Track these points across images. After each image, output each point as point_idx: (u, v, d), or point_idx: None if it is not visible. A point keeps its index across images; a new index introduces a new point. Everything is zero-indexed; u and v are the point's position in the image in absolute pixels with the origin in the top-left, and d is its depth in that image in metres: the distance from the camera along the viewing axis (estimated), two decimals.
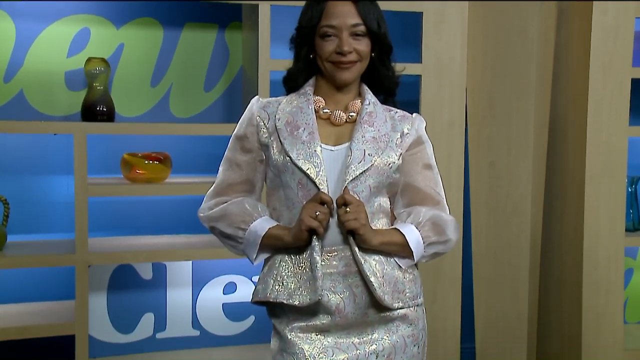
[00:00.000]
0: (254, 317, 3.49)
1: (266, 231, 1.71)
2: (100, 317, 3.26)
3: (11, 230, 3.10)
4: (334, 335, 1.70)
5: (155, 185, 3.11)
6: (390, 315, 1.73)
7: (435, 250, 1.76)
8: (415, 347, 1.77)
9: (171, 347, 3.39)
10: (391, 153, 1.74)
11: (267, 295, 1.71)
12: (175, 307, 3.38)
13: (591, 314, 3.48)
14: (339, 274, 1.68)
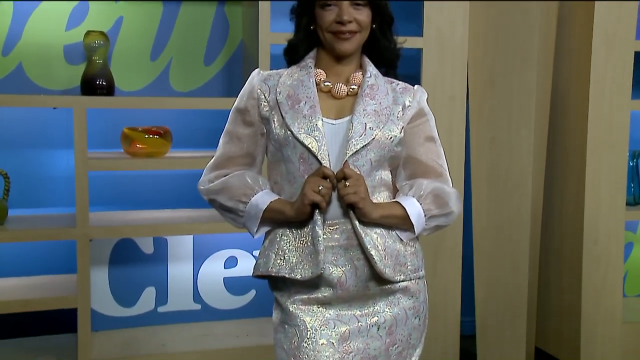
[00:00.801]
0: (255, 291, 3.50)
1: (267, 205, 1.71)
2: (102, 290, 3.27)
3: (12, 204, 3.10)
4: (336, 307, 1.70)
5: (155, 160, 3.11)
6: (392, 287, 1.73)
7: (437, 223, 1.76)
8: (417, 319, 1.78)
9: (173, 320, 3.41)
10: (392, 127, 1.73)
11: (268, 270, 1.71)
12: (176, 281, 3.39)
13: (591, 287, 3.50)
14: (340, 247, 1.68)
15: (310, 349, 1.66)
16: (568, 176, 3.57)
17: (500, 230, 3.45)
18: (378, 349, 1.72)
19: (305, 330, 1.67)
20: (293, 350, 1.67)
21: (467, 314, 3.76)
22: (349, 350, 1.69)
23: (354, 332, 1.70)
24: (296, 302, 1.70)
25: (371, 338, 1.71)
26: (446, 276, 3.39)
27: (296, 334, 1.67)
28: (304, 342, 1.66)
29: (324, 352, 1.66)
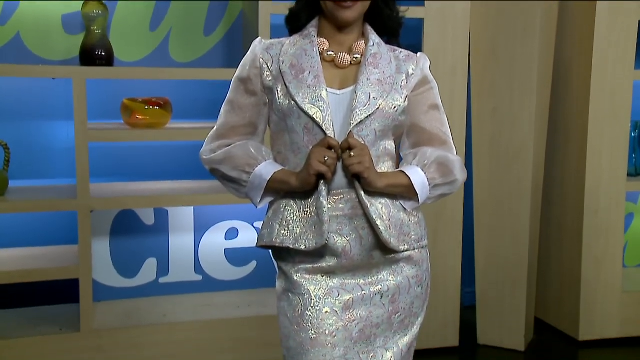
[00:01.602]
0: (256, 262, 3.51)
1: (272, 175, 1.70)
2: (103, 261, 3.28)
3: (12, 175, 3.09)
4: (340, 276, 1.71)
5: (155, 131, 3.09)
6: (396, 257, 1.73)
7: (441, 192, 1.76)
8: (420, 288, 1.79)
9: (174, 291, 3.42)
10: (396, 96, 1.72)
11: (272, 240, 1.71)
12: (177, 253, 3.40)
13: (591, 258, 3.51)
14: (345, 216, 1.68)
15: (314, 317, 1.66)
16: (569, 147, 3.57)
17: (501, 201, 3.45)
18: (381, 317, 1.73)
19: (309, 299, 1.68)
20: (297, 318, 1.67)
21: (467, 285, 3.78)
22: (352, 318, 1.70)
23: (357, 300, 1.70)
24: (300, 271, 1.70)
25: (374, 306, 1.72)
26: (447, 247, 3.40)
27: (300, 303, 1.68)
28: (307, 310, 1.67)
29: (327, 320, 1.67)
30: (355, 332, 1.69)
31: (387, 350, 1.74)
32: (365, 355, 1.71)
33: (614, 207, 3.51)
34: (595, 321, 3.57)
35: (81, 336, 2.98)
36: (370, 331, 1.72)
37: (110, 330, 3.02)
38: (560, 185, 3.66)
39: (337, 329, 1.67)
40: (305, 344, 1.66)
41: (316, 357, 1.65)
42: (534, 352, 3.52)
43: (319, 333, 1.65)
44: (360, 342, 1.70)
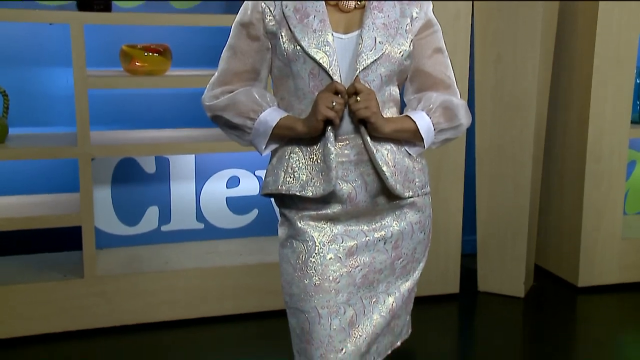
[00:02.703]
0: (258, 210, 3.52)
1: (277, 121, 1.68)
2: (105, 209, 3.29)
3: (12, 123, 3.07)
4: (344, 223, 1.71)
5: (155, 78, 3.06)
6: (400, 203, 1.73)
7: (446, 136, 1.75)
8: (422, 234, 1.79)
9: (176, 239, 3.44)
10: (402, 40, 1.69)
11: (278, 188, 1.70)
12: (179, 201, 3.40)
13: (592, 205, 3.52)
14: (350, 162, 1.67)
15: (318, 264, 1.67)
16: (573, 94, 3.54)
17: (503, 150, 3.44)
18: (384, 262, 1.73)
19: (313, 246, 1.68)
20: (300, 265, 1.68)
21: (468, 233, 3.80)
22: (356, 264, 1.70)
23: (361, 246, 1.71)
24: (304, 218, 1.70)
25: (378, 252, 1.72)
26: (448, 195, 3.41)
27: (304, 249, 1.68)
28: (311, 257, 1.67)
29: (331, 267, 1.67)
30: (358, 278, 1.70)
31: (389, 295, 1.76)
32: (368, 300, 1.72)
33: (616, 155, 3.50)
34: (594, 268, 3.60)
35: (85, 282, 3.00)
36: (373, 277, 1.73)
37: (114, 277, 3.05)
38: (562, 133, 3.65)
39: (341, 274, 1.68)
40: (308, 289, 1.66)
41: (319, 302, 1.66)
42: (534, 298, 3.57)
43: (322, 279, 1.66)
44: (363, 287, 1.72)
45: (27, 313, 2.95)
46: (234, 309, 3.21)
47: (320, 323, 1.65)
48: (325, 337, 1.65)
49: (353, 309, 1.69)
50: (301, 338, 1.67)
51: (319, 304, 1.66)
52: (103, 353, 2.94)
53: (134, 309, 3.08)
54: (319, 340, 1.65)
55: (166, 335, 3.07)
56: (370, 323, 1.72)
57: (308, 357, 1.66)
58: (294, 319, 1.69)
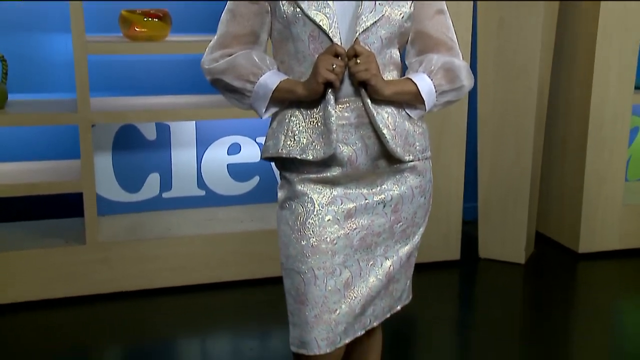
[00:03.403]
0: (259, 177, 3.52)
1: (277, 85, 1.66)
2: (106, 176, 3.29)
3: (11, 89, 3.06)
4: (344, 186, 1.70)
5: (155, 44, 3.04)
6: (400, 167, 1.72)
7: (447, 98, 1.73)
8: (422, 198, 1.78)
9: (177, 206, 3.44)
10: (402, 2, 1.67)
11: (279, 151, 1.69)
12: (180, 168, 3.40)
13: (593, 171, 3.52)
14: (350, 125, 1.66)
15: (315, 225, 1.66)
16: (577, 59, 3.51)
17: (505, 116, 3.42)
18: (382, 225, 1.73)
19: (312, 207, 1.68)
20: (298, 226, 1.67)
21: (469, 200, 3.80)
22: (354, 226, 1.70)
23: (360, 209, 1.70)
24: (304, 180, 1.69)
25: (376, 215, 1.72)
26: (450, 162, 3.40)
27: (303, 211, 1.68)
28: (310, 218, 1.67)
29: (329, 228, 1.67)
30: (356, 240, 1.70)
31: (387, 259, 1.76)
32: (365, 262, 1.72)
33: (619, 121, 3.49)
34: (595, 234, 3.61)
35: (87, 249, 3.01)
36: (371, 240, 1.72)
37: (116, 243, 3.06)
38: (565, 99, 3.63)
39: (338, 236, 1.68)
40: (305, 251, 1.66)
41: (316, 264, 1.66)
42: (534, 265, 3.58)
43: (319, 240, 1.66)
44: (361, 250, 1.72)
45: (29, 279, 2.97)
46: (236, 275, 3.22)
47: (315, 284, 1.66)
48: (320, 298, 1.66)
49: (349, 270, 1.70)
50: (295, 299, 1.68)
51: (315, 265, 1.66)
52: (105, 319, 2.96)
53: (135, 275, 3.10)
54: (313, 301, 1.66)
55: (167, 301, 3.10)
56: (366, 285, 1.72)
57: (302, 317, 1.67)
58: (289, 280, 1.70)
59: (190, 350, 2.83)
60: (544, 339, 2.88)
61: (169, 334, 2.88)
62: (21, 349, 2.73)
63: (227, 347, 2.87)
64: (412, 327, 2.98)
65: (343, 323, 1.69)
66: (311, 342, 1.66)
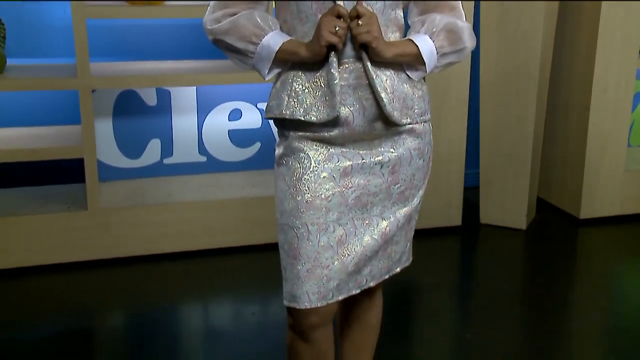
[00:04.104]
0: (260, 143, 3.51)
1: (280, 46, 1.65)
2: (107, 142, 3.28)
3: (9, 54, 3.03)
4: (341, 145, 1.70)
5: (156, 7, 3.00)
6: (398, 129, 1.71)
7: (449, 60, 1.71)
8: (421, 160, 1.77)
9: (178, 172, 3.44)
10: None
11: (282, 112, 1.68)
12: (181, 134, 3.39)
13: (596, 137, 3.50)
14: (349, 86, 1.64)
15: (311, 181, 1.66)
16: (582, 24, 3.47)
17: (508, 82, 3.40)
18: (379, 186, 1.72)
19: (309, 164, 1.67)
20: (294, 182, 1.67)
21: (471, 166, 3.79)
22: (349, 185, 1.70)
23: (356, 168, 1.70)
24: (301, 138, 1.69)
25: (373, 175, 1.72)
26: (452, 127, 3.39)
27: (299, 167, 1.68)
28: (306, 174, 1.67)
29: (324, 185, 1.67)
30: (351, 199, 1.70)
31: (383, 219, 1.75)
32: (360, 222, 1.72)
33: (623, 86, 3.46)
34: (596, 199, 3.61)
35: (88, 214, 3.02)
36: (367, 199, 1.72)
37: (117, 209, 3.06)
38: (569, 65, 3.60)
39: (333, 194, 1.67)
40: (300, 206, 1.66)
41: (309, 219, 1.66)
42: (535, 231, 3.58)
43: (314, 196, 1.66)
44: (356, 209, 1.71)
45: (30, 244, 2.98)
46: (237, 241, 3.23)
47: (308, 239, 1.66)
48: (313, 253, 1.66)
49: (343, 228, 1.70)
50: (288, 253, 1.69)
51: (308, 221, 1.66)
52: (106, 284, 2.98)
53: (137, 241, 3.10)
54: (306, 256, 1.66)
55: (169, 267, 3.11)
56: (360, 244, 1.72)
57: (294, 272, 1.67)
58: (283, 235, 1.70)
59: (192, 316, 2.85)
60: (544, 303, 2.90)
61: (170, 300, 2.89)
62: (23, 313, 2.75)
63: (229, 312, 2.89)
64: (413, 292, 2.99)
65: (335, 279, 1.69)
66: (302, 296, 1.67)
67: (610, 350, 2.60)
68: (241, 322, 2.75)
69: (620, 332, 2.71)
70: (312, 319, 1.71)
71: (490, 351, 2.52)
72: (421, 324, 2.79)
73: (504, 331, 2.67)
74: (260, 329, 2.67)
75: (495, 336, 2.62)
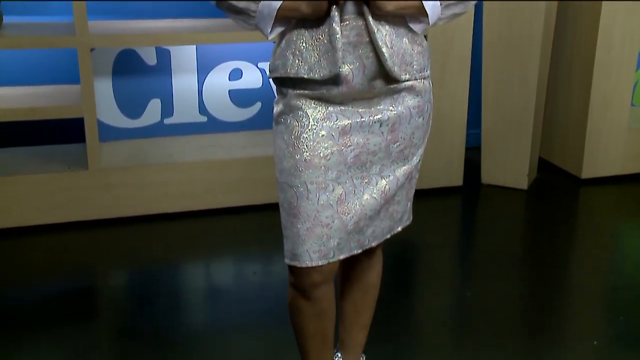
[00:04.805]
0: (261, 103, 3.49)
1: (281, 3, 1.62)
2: (107, 102, 3.26)
3: (5, 11, 3.00)
4: (339, 103, 1.68)
5: None
6: (397, 87, 1.69)
7: (453, 11, 1.69)
8: (421, 118, 1.76)
9: (179, 132, 3.43)
10: None
11: (287, 71, 1.66)
12: (181, 93, 3.37)
13: (599, 96, 3.48)
14: (349, 44, 1.62)
15: (310, 140, 1.65)
16: None
17: (511, 43, 3.36)
18: (378, 144, 1.71)
19: (307, 122, 1.66)
20: (292, 140, 1.66)
21: (473, 127, 3.77)
22: (348, 143, 1.68)
23: (355, 126, 1.69)
24: (300, 96, 1.68)
25: (372, 134, 1.70)
26: (454, 88, 3.36)
27: (297, 125, 1.66)
28: (304, 133, 1.66)
29: (322, 144, 1.66)
30: (350, 158, 1.69)
31: (383, 178, 1.75)
32: (359, 180, 1.72)
33: (627, 45, 3.42)
34: (598, 159, 3.59)
35: (89, 174, 3.01)
36: (366, 158, 1.71)
37: (118, 169, 3.06)
38: (573, 22, 3.55)
39: (332, 152, 1.67)
40: (298, 165, 1.66)
41: (308, 178, 1.66)
42: (537, 191, 3.58)
43: (313, 155, 1.65)
44: (355, 167, 1.71)
45: (31, 203, 2.99)
46: (238, 201, 3.23)
47: (308, 198, 1.66)
48: (312, 212, 1.66)
49: (342, 187, 1.69)
50: (288, 212, 1.68)
51: (307, 179, 1.65)
52: (107, 244, 2.99)
53: (138, 200, 3.11)
54: (305, 214, 1.66)
55: (170, 227, 3.12)
56: (360, 202, 1.72)
57: (294, 230, 1.67)
58: (283, 194, 1.70)
59: (194, 275, 2.87)
60: (545, 262, 2.91)
61: (171, 259, 2.91)
62: (24, 271, 2.77)
63: (230, 271, 2.90)
64: (413, 252, 3.00)
65: (335, 238, 1.69)
66: (303, 254, 1.67)
67: (609, 307, 2.62)
68: (243, 282, 2.77)
69: (620, 289, 2.72)
70: (313, 277, 1.71)
71: (490, 309, 2.54)
72: (422, 283, 2.81)
73: (505, 290, 2.69)
74: (261, 288, 2.69)
75: (496, 294, 2.64)
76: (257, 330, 2.39)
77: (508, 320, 2.49)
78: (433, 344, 2.38)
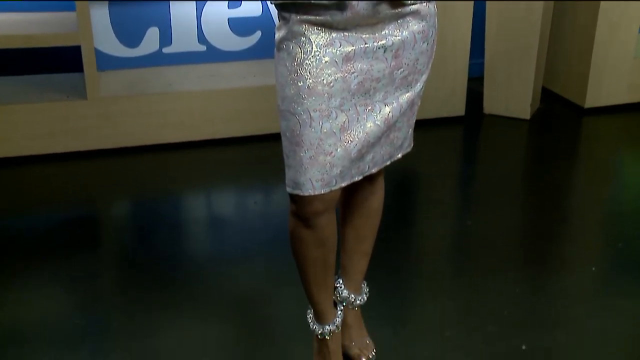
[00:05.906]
0: (261, 32, 3.43)
1: None
2: (104, 30, 3.20)
3: None
4: (343, 29, 1.64)
5: None
6: (402, 11, 1.65)
7: None
8: (425, 44, 1.72)
9: (178, 61, 3.38)
10: None
11: None
12: (180, 22, 3.31)
13: (606, 22, 3.41)
14: None
15: (313, 66, 1.62)
16: None
17: None
18: (382, 71, 1.68)
19: (310, 48, 1.62)
20: (295, 67, 1.63)
21: (476, 56, 3.71)
22: (352, 70, 1.65)
23: (359, 52, 1.65)
24: (303, 21, 1.63)
25: (376, 60, 1.67)
26: (457, 17, 3.29)
27: (300, 51, 1.63)
28: (307, 59, 1.62)
29: (326, 70, 1.62)
30: (353, 84, 1.66)
31: (386, 105, 1.72)
32: (363, 107, 1.69)
33: None
34: (602, 88, 3.55)
35: (88, 104, 2.99)
36: (370, 85, 1.68)
37: (117, 98, 3.03)
38: None
39: (335, 79, 1.63)
40: (301, 92, 1.63)
41: (311, 105, 1.63)
42: (539, 120, 3.56)
43: (316, 82, 1.62)
44: (358, 94, 1.68)
45: (30, 132, 2.97)
46: (238, 131, 3.21)
47: (311, 125, 1.64)
48: (315, 140, 1.64)
49: (346, 114, 1.67)
50: (291, 140, 1.66)
51: (310, 107, 1.63)
52: (107, 173, 2.99)
53: (137, 130, 3.09)
54: (308, 142, 1.64)
55: (170, 157, 3.11)
56: (363, 130, 1.70)
57: (297, 159, 1.66)
58: (285, 122, 1.67)
59: (194, 205, 2.88)
60: (546, 191, 2.91)
61: (172, 189, 2.91)
62: (24, 200, 2.77)
63: (231, 201, 2.91)
64: (415, 181, 3.00)
65: (339, 166, 1.68)
66: (306, 183, 1.66)
67: (609, 235, 2.63)
68: (244, 211, 2.78)
69: (621, 217, 2.73)
70: (315, 206, 1.71)
71: (491, 237, 2.55)
72: (423, 211, 2.81)
73: (505, 218, 2.69)
74: (262, 218, 2.69)
75: (497, 223, 2.65)
76: (258, 259, 2.40)
77: (508, 248, 2.51)
78: (433, 272, 2.40)
